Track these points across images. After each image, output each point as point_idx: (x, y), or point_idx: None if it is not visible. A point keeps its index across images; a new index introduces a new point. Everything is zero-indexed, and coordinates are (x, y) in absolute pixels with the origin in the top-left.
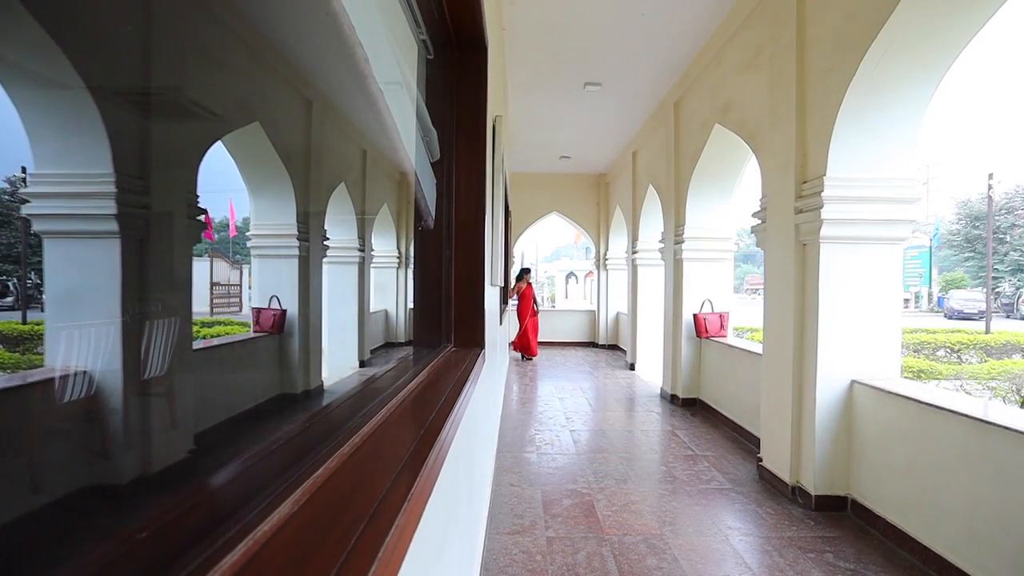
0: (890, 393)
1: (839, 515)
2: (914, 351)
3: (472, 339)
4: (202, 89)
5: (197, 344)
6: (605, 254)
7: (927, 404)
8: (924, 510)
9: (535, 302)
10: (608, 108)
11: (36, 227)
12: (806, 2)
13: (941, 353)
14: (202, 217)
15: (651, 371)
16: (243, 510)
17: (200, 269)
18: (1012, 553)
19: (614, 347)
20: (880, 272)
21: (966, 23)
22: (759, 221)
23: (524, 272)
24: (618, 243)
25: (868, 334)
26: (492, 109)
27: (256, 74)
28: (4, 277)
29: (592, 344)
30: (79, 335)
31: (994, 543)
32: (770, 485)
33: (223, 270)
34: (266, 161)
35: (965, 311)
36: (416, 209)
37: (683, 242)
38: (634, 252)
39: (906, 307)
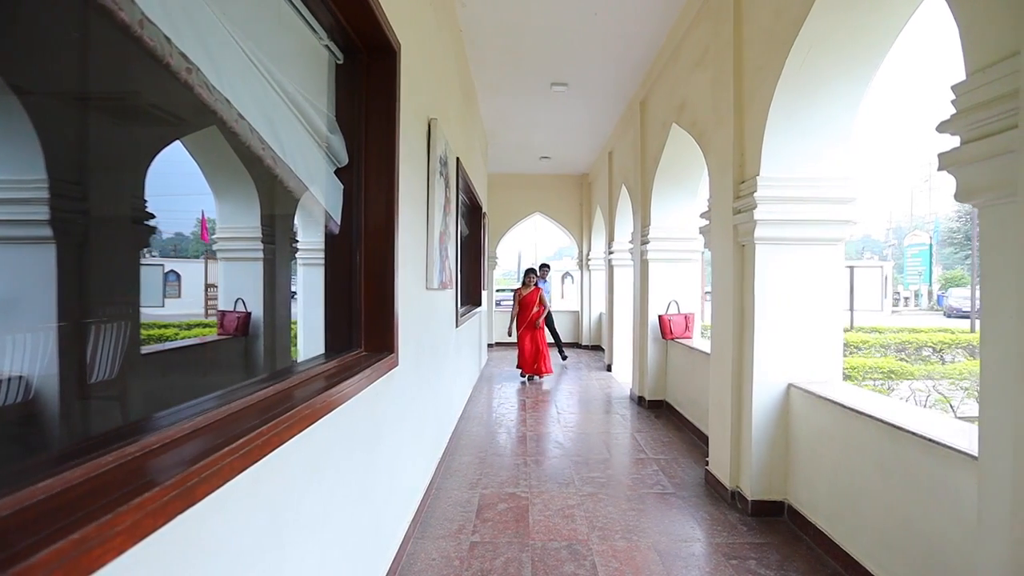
0: (819, 397)
1: (775, 521)
2: (897, 350)
3: (383, 344)
4: (147, 92)
5: (169, 346)
6: (587, 254)
7: (848, 408)
8: (846, 516)
9: (539, 309)
10: (578, 109)
11: None
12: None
13: (926, 352)
14: (151, 221)
15: (626, 372)
16: None
17: (195, 271)
18: (919, 560)
19: (597, 347)
20: (818, 274)
21: (885, 16)
22: (706, 222)
23: (528, 274)
24: (599, 243)
25: (807, 337)
26: (425, 111)
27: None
28: None
29: (576, 344)
30: (14, 340)
31: (903, 550)
32: (713, 490)
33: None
34: (227, 164)
35: (964, 309)
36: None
37: (648, 242)
38: (610, 252)
39: (905, 305)
